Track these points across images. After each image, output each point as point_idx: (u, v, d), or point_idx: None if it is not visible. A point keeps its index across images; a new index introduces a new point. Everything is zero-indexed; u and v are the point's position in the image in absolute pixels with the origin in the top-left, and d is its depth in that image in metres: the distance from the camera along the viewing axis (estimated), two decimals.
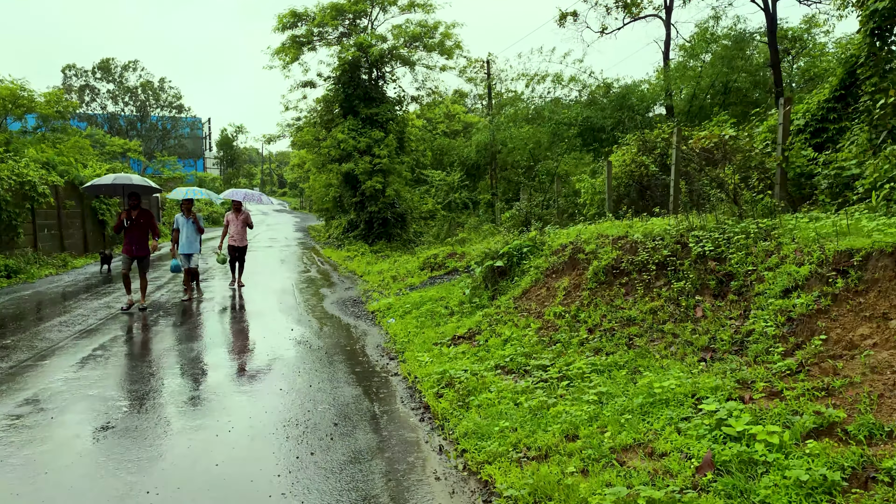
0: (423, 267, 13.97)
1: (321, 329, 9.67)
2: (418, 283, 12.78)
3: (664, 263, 6.76)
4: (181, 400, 6.20)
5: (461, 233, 16.74)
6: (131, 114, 53.48)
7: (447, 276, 12.71)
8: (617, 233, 7.86)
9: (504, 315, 8.02)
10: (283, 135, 26.54)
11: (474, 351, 7.15)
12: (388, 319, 9.94)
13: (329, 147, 24.72)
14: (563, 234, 9.34)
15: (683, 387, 4.66)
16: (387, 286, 13.42)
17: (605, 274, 7.19)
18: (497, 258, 9.34)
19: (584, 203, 15.53)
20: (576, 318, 6.91)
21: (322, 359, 7.81)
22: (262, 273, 17.02)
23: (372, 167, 24.16)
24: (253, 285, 14.56)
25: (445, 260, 13.63)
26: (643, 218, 9.04)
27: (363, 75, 26.13)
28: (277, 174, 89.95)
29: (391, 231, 25.43)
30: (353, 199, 25.75)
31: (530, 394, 5.44)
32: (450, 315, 9.43)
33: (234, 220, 13.79)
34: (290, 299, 12.59)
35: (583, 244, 7.96)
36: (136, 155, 46.06)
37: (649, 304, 6.44)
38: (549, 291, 7.83)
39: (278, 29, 26.03)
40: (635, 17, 26.95)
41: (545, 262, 8.59)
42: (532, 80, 24.94)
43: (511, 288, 8.90)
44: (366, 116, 25.12)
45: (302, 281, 15.49)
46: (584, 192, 15.20)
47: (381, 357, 7.92)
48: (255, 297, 12.81)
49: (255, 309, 11.53)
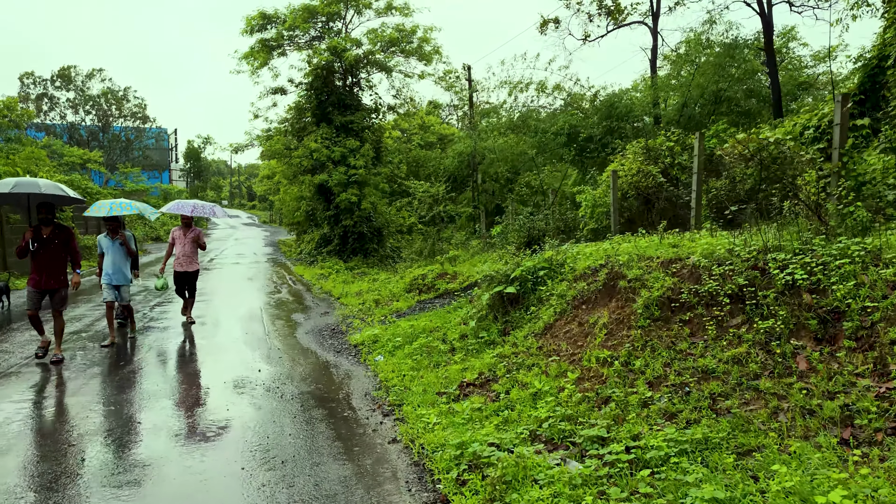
0: (409, 289, 12.30)
1: (295, 369, 7.91)
2: (406, 309, 11.08)
3: (739, 295, 5.21)
4: (106, 485, 4.41)
5: (450, 249, 15.19)
6: (92, 124, 50.83)
7: (439, 301, 11.06)
8: (661, 254, 6.30)
9: (525, 357, 6.38)
10: (252, 144, 24.66)
11: (494, 408, 5.49)
12: (376, 357, 8.24)
13: (301, 157, 22.95)
14: (584, 254, 7.76)
15: (855, 500, 3.06)
16: (369, 312, 11.69)
17: (660, 307, 5.61)
18: (507, 283, 7.72)
19: (582, 217, 14.03)
20: (628, 367, 5.30)
21: (297, 415, 6.08)
22: (228, 294, 15.13)
23: (347, 178, 22.44)
24: (216, 309, 12.70)
25: (435, 281, 11.97)
26: (662, 234, 7.51)
27: (337, 81, 24.46)
28: (247, 186, 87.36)
29: (367, 246, 23.70)
30: (327, 213, 23.97)
31: (597, 489, 3.81)
32: (450, 352, 7.76)
33: (182, 238, 11.15)
34: (258, 328, 10.78)
35: (621, 268, 6.38)
36: (96, 166, 43.57)
37: (729, 350, 4.87)
38: (584, 328, 6.22)
39: (246, 32, 24.25)
40: (620, 24, 25.78)
41: (570, 289, 6.99)
42: (515, 88, 23.52)
43: (527, 320, 7.27)
44: (340, 124, 23.43)
45: (272, 304, 13.67)
46: (585, 206, 13.71)
47: (373, 412, 6.21)
48: (217, 325, 10.97)
49: (215, 342, 9.71)
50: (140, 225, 40.42)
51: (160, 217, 41.26)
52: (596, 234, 13.31)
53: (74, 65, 53.51)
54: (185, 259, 11.11)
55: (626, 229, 13.49)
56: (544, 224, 10.36)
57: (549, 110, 23.85)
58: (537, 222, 10.24)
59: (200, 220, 51.46)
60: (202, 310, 12.66)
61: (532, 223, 10.21)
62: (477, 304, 8.33)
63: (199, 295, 14.83)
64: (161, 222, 42.71)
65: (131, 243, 9.87)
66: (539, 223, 10.26)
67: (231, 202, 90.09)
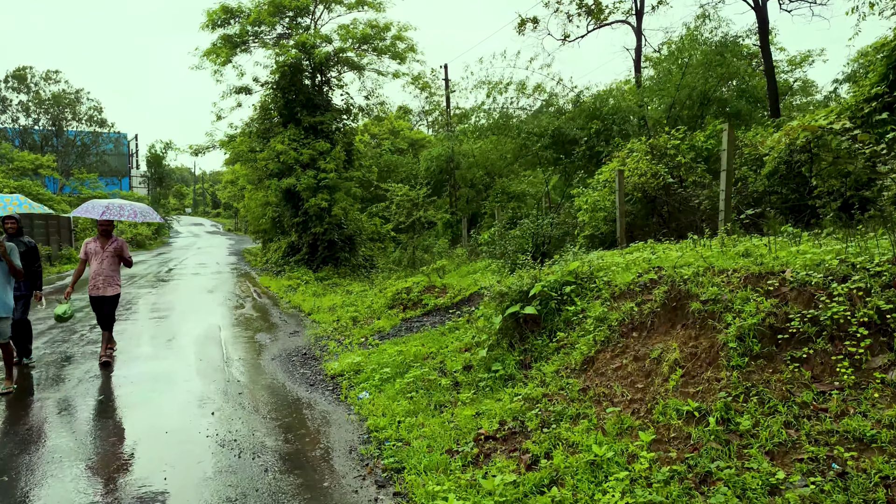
0: (392, 304, 10.61)
1: (258, 412, 6.19)
2: (390, 329, 9.40)
3: (880, 324, 3.71)
4: None
5: (435, 259, 13.58)
6: (45, 128, 47.85)
7: (428, 320, 9.40)
8: (736, 265, 4.78)
9: (563, 402, 4.78)
10: (214, 145, 22.65)
11: (534, 482, 3.88)
12: (360, 393, 6.56)
13: (267, 159, 21.08)
14: (617, 264, 6.21)
15: None
16: (346, 331, 9.97)
17: (760, 340, 4.07)
18: (525, 302, 6.13)
19: (580, 223, 12.53)
20: (727, 426, 3.73)
21: (260, 489, 4.39)
22: (184, 309, 13.24)
23: (316, 182, 20.64)
24: (169, 328, 10.84)
25: (422, 296, 10.31)
26: (723, 239, 6.01)
27: (306, 80, 22.66)
28: (211, 193, 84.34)
29: (339, 255, 21.90)
30: (295, 219, 22.11)
31: None
32: (454, 387, 6.13)
33: (98, 251, 8.35)
34: (216, 352, 8.99)
35: (686, 284, 4.84)
36: (49, 171, 40.82)
37: (886, 408, 3.35)
38: (642, 365, 4.65)
39: (207, 27, 22.31)
40: (601, 23, 24.55)
41: (610, 310, 5.43)
42: (494, 89, 22.02)
43: (552, 350, 5.68)
44: (309, 126, 21.63)
45: (233, 321, 11.84)
46: (584, 210, 12.22)
47: (363, 480, 4.54)
48: (167, 349, 9.14)
49: (161, 372, 7.89)
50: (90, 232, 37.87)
51: None
52: (593, 241, 11.83)
53: (31, 65, 50.42)
54: (102, 279, 8.33)
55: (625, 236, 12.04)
56: (551, 230, 8.82)
57: (530, 112, 22.42)
58: (544, 228, 8.68)
59: (162, 229, 48.86)
60: (152, 329, 10.80)
61: (539, 229, 8.65)
62: (486, 327, 6.71)
63: (152, 311, 12.95)
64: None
65: (14, 257, 7.10)
66: (546, 229, 8.70)
67: (195, 209, 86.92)
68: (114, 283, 8.48)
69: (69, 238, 28.83)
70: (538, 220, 8.83)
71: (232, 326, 11.26)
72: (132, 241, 40.82)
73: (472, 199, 24.01)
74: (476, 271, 12.06)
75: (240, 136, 22.49)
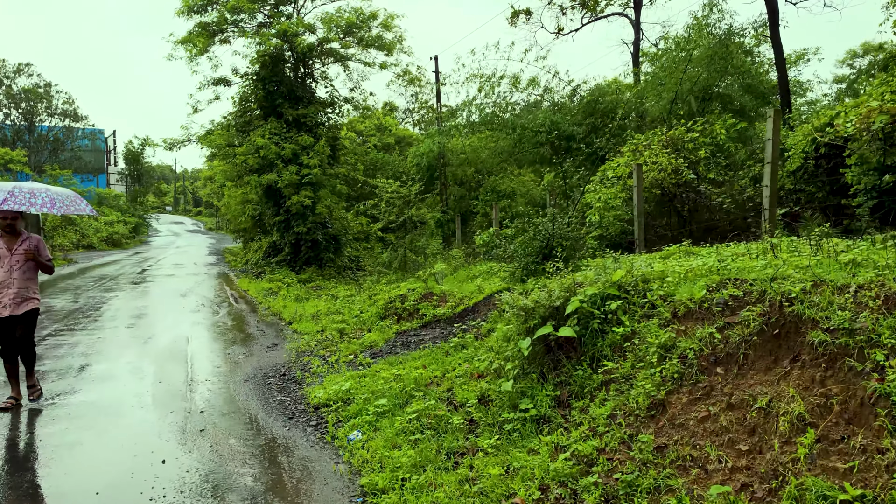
0: (385, 314, 9.24)
1: (222, 457, 4.84)
2: (383, 344, 8.04)
3: None
4: None
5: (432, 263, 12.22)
6: (17, 123, 45.71)
7: (427, 333, 8.06)
8: (845, 279, 3.53)
9: (630, 465, 3.48)
10: (190, 139, 21.10)
11: None
12: (351, 433, 5.22)
13: (246, 154, 19.57)
14: (672, 273, 4.93)
15: None
16: (332, 346, 8.60)
17: None
18: (558, 321, 4.83)
19: (589, 224, 11.27)
20: None
21: None
22: (151, 316, 11.79)
23: (300, 179, 19.21)
24: (129, 339, 9.41)
25: (418, 304, 8.94)
26: (822, 241, 4.77)
27: (288, 71, 21.22)
28: (192, 191, 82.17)
29: (323, 256, 20.48)
30: (277, 218, 20.65)
31: None
32: (469, 427, 4.82)
33: (4, 255, 6.19)
34: (179, 372, 7.59)
35: (794, 303, 3.57)
36: (19, 167, 38.82)
37: None
38: (742, 415, 3.36)
39: (183, 13, 20.78)
40: (597, 15, 23.39)
41: (679, 336, 4.15)
42: (486, 82, 20.75)
43: (597, 384, 4.39)
44: (292, 119, 20.18)
45: (204, 331, 10.43)
46: (595, 209, 10.97)
47: None
48: (126, 364, 7.72)
49: (110, 396, 6.48)
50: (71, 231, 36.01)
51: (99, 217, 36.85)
52: (601, 243, 10.59)
53: (3, 58, 48.23)
54: (13, 293, 6.13)
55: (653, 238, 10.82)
56: (569, 230, 7.54)
57: (524, 106, 21.17)
58: (561, 228, 7.40)
59: (141, 227, 46.95)
60: (110, 341, 9.36)
61: (556, 229, 7.37)
62: (506, 350, 5.40)
63: (114, 319, 11.49)
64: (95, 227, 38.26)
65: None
66: (564, 229, 7.42)
67: (176, 208, 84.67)
68: (29, 296, 6.26)
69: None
70: (554, 220, 7.54)
71: (202, 338, 9.84)
72: (107, 240, 38.96)
73: (462, 198, 22.74)
74: (477, 276, 10.75)
75: (217, 130, 20.95)
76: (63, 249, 30.72)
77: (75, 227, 37.24)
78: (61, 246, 31.27)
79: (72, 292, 15.58)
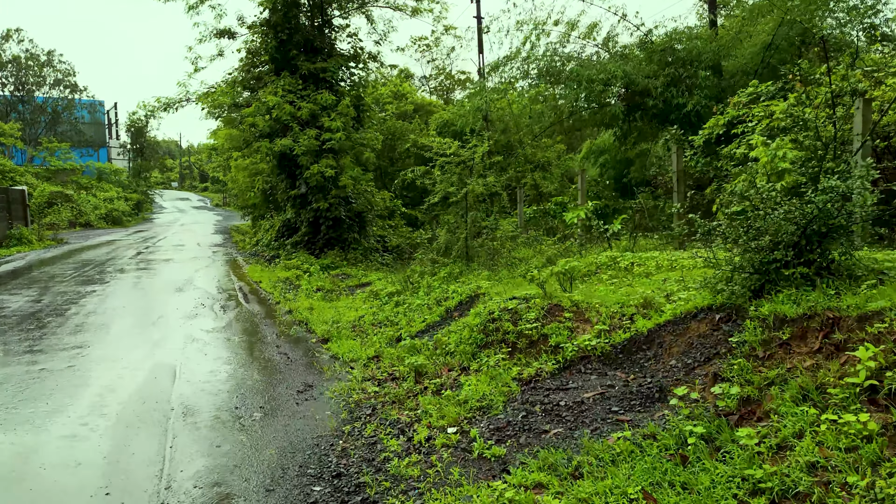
0: (486, 342, 5.52)
1: None
2: (503, 407, 4.44)
3: None
4: None
5: (514, 250, 8.68)
6: (12, 94, 41.80)
7: (576, 384, 4.43)
8: None
9: None
10: (188, 98, 17.36)
11: None
12: None
13: (255, 115, 15.89)
14: None
15: None
16: (406, 397, 5.05)
17: None
18: None
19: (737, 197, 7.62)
20: None
21: None
22: (128, 328, 8.28)
23: (319, 145, 15.56)
24: (84, 374, 5.89)
25: (543, 325, 5.26)
26: None
27: (304, 18, 17.40)
28: (198, 165, 78.21)
29: (346, 236, 16.91)
30: (291, 192, 17.05)
31: None
32: None
33: None
34: (146, 456, 4.08)
35: None
36: (13, 141, 35.05)
37: None
38: None
39: None
40: None
41: None
42: (536, 28, 16.92)
43: None
44: (308, 73, 16.47)
45: (202, 356, 6.91)
46: (762, 173, 7.32)
47: None
48: (60, 434, 4.24)
49: None
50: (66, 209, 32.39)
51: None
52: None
53: None
54: None
55: None
56: (832, 209, 3.94)
57: (578, 60, 17.33)
58: (822, 203, 3.80)
59: (144, 204, 43.35)
60: (54, 376, 5.83)
61: (823, 205, 3.77)
62: None
63: (75, 332, 7.96)
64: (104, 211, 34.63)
65: None
66: (826, 205, 3.82)
67: (182, 184, 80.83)
68: None
69: (23, 215, 23.46)
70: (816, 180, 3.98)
71: (197, 372, 6.32)
72: (107, 218, 35.37)
73: (505, 168, 19.13)
74: (596, 270, 7.14)
75: (221, 87, 17.20)
76: (55, 228, 27.17)
77: (72, 203, 33.66)
78: (51, 224, 27.68)
79: (40, 285, 12.06)
